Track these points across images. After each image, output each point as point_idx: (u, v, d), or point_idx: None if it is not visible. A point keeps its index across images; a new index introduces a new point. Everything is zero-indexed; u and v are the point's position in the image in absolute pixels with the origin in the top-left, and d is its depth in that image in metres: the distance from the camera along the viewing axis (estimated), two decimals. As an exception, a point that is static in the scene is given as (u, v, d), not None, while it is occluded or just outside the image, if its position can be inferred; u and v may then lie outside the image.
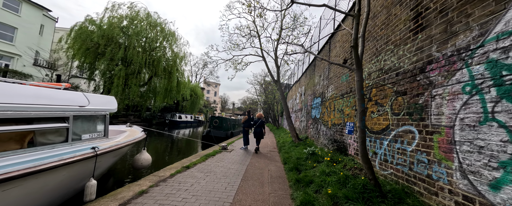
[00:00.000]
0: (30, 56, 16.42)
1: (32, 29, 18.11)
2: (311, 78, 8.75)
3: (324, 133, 6.24)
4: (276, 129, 19.59)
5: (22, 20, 17.41)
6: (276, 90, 22.11)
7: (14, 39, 17.04)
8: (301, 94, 11.30)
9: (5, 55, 16.68)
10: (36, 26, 18.51)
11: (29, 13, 17.90)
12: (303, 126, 9.90)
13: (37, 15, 18.47)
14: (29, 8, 17.87)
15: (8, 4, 16.68)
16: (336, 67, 5.70)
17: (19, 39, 17.10)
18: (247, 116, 7.53)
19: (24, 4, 17.51)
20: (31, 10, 18.03)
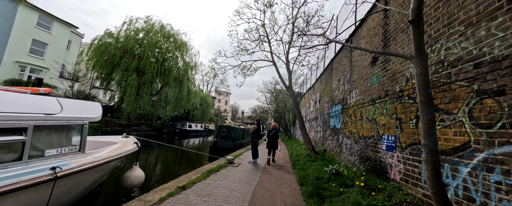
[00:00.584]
0: (56, 69, 17.35)
1: (61, 44, 19.42)
2: (328, 83, 7.72)
3: (349, 147, 5.10)
4: (287, 140, 18.29)
5: (52, 37, 18.76)
6: (287, 98, 21.08)
7: (44, 54, 18.26)
8: (315, 102, 10.20)
9: (36, 68, 17.83)
10: (64, 42, 19.85)
11: (59, 30, 19.30)
12: (319, 137, 8.70)
13: (66, 31, 19.86)
14: (59, 25, 19.31)
15: (41, 23, 18.13)
16: (360, 68, 4.70)
17: (49, 53, 18.31)
18: (256, 125, 6.63)
19: (55, 22, 18.95)
20: (61, 28, 19.45)
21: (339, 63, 6.48)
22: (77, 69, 18.53)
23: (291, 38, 7.82)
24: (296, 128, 19.29)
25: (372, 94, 4.06)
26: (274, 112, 22.08)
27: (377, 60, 3.96)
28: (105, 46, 14.65)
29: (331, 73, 7.32)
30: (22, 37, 16.73)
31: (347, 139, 5.26)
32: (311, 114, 11.29)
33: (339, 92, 6.33)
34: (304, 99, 15.10)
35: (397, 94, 3.20)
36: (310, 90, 12.05)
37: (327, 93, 7.77)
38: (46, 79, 17.99)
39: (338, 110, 6.31)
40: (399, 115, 3.10)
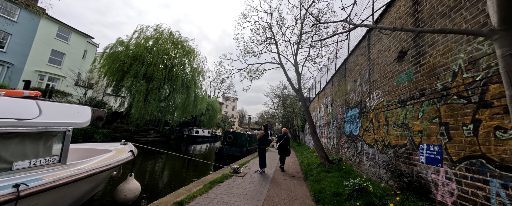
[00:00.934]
0: (71, 77, 17.99)
1: (77, 54, 20.29)
2: (341, 86, 7.06)
3: (372, 156, 4.37)
4: (297, 146, 17.40)
5: (69, 47, 19.66)
6: (295, 102, 20.34)
7: (62, 63, 19.08)
8: (326, 106, 9.49)
9: (54, 77, 18.60)
10: (80, 52, 20.74)
11: (76, 40, 20.24)
12: (333, 144, 7.92)
13: (82, 41, 20.78)
14: (76, 36, 20.27)
15: (60, 34, 19.09)
16: (382, 65, 4.07)
17: (66, 63, 19.11)
18: (263, 131, 6.07)
19: (72, 33, 19.91)
20: (78, 38, 20.40)
21: (354, 63, 5.85)
22: (90, 77, 19.08)
23: (300, 38, 7.33)
24: (305, 134, 18.36)
25: (401, 95, 3.40)
26: (282, 117, 21.36)
27: (405, 55, 3.32)
28: (116, 54, 14.97)
29: (345, 74, 6.67)
30: (43, 47, 17.62)
31: (369, 148, 4.53)
32: (322, 119, 10.53)
33: (355, 95, 5.65)
34: (313, 103, 14.35)
35: (439, 93, 2.55)
36: (320, 93, 11.34)
37: (340, 96, 7.08)
38: (62, 87, 18.68)
39: (354, 115, 5.60)
40: (444, 119, 2.43)
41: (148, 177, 7.10)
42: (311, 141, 13.48)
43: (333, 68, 8.32)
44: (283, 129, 6.88)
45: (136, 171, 7.57)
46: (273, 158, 9.47)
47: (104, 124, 15.69)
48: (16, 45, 15.85)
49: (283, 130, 6.85)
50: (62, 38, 19.19)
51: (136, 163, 9.26)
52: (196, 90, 18.27)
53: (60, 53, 18.97)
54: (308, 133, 16.48)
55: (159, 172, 8.18)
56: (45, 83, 17.91)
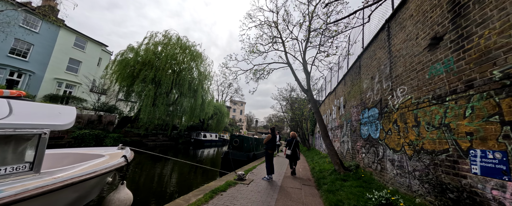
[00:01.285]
0: (86, 84, 18.67)
1: (92, 61, 21.16)
2: (355, 85, 6.41)
3: (398, 164, 3.69)
4: (306, 151, 16.53)
5: (86, 55, 20.56)
6: (304, 105, 19.59)
7: (78, 71, 19.94)
8: (338, 107, 8.78)
9: (71, 84, 19.43)
10: (95, 59, 21.62)
11: (92, 49, 21.17)
12: (347, 149, 7.18)
13: (97, 50, 21.69)
14: (92, 45, 21.21)
15: (77, 43, 20.06)
16: (408, 56, 3.46)
17: (82, 70, 19.95)
18: (270, 134, 5.55)
19: (88, 42, 20.86)
20: (93, 47, 21.33)
21: (370, 58, 5.23)
22: (102, 83, 19.70)
23: (308, 35, 6.84)
24: (315, 138, 17.46)
25: (436, 89, 2.78)
26: (290, 120, 20.62)
27: (440, 40, 2.72)
28: (126, 60, 15.31)
29: (359, 72, 6.03)
30: (61, 56, 18.53)
31: (394, 153, 3.85)
32: (334, 122, 9.79)
33: (373, 93, 5.00)
34: (323, 105, 13.60)
35: (497, 83, 1.94)
36: (331, 94, 10.64)
37: (355, 96, 6.42)
38: (78, 93, 19.43)
39: (373, 116, 4.94)
40: (509, 117, 1.81)
41: (149, 183, 6.78)
42: (322, 145, 12.64)
43: (345, 67, 7.69)
44: (292, 133, 6.51)
45: (130, 178, 7.29)
46: (282, 163, 8.83)
47: (115, 129, 15.92)
48: (37, 54, 16.78)
49: (292, 134, 6.48)
50: (79, 47, 20.14)
51: (142, 168, 9.03)
52: (203, 94, 18.19)
53: (77, 61, 19.86)
54: (318, 136, 15.61)
55: (162, 178, 7.85)
56: (63, 89, 18.70)
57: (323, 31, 6.20)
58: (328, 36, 6.12)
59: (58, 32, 18.21)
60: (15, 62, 15.43)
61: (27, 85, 16.17)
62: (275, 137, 5.66)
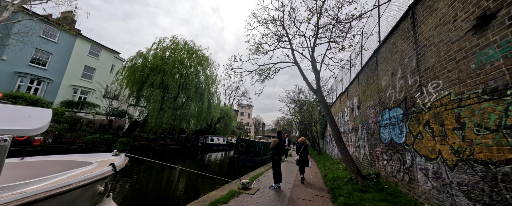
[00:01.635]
0: (99, 90, 19.29)
1: (106, 68, 21.95)
2: (372, 83, 5.74)
3: (434, 175, 3.00)
4: (317, 155, 15.63)
5: (99, 63, 21.38)
6: (313, 107, 18.77)
7: (92, 78, 20.71)
8: (352, 109, 8.05)
9: (86, 90, 20.19)
10: (108, 66, 22.42)
11: (105, 56, 22.00)
12: (364, 155, 6.42)
13: (110, 57, 22.51)
14: (105, 53, 22.06)
15: (92, 51, 20.92)
16: (444, 44, 2.84)
17: (96, 77, 20.70)
18: (278, 138, 5.03)
19: (102, 50, 21.71)
20: (107, 54, 22.17)
21: (390, 52, 4.59)
22: (113, 88, 20.20)
23: (317, 31, 6.32)
24: (326, 142, 16.52)
25: (489, 81, 2.15)
26: (299, 123, 19.83)
27: (493, 18, 2.11)
28: (136, 66, 15.59)
29: (376, 68, 5.38)
30: (77, 64, 19.38)
31: (427, 162, 3.17)
32: (347, 125, 9.02)
33: (394, 91, 4.34)
34: (334, 107, 12.79)
35: None
36: (343, 95, 9.90)
37: (371, 95, 5.74)
38: (92, 99, 20.13)
39: (396, 117, 4.26)
40: None
41: (152, 189, 6.44)
42: (334, 150, 11.79)
43: (358, 64, 7.02)
44: (301, 138, 6.35)
45: (137, 183, 7.00)
46: (291, 169, 8.19)
47: (124, 133, 16.09)
48: (55, 63, 17.63)
49: (301, 139, 6.25)
50: (93, 54, 21.00)
51: (150, 173, 8.79)
52: (210, 97, 18.04)
53: (91, 68, 20.67)
54: (329, 140, 14.71)
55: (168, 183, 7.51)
56: (78, 95, 19.44)
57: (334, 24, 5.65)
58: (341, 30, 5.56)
59: (74, 41, 19.12)
60: (35, 71, 16.27)
61: (46, 92, 16.96)
62: (283, 141, 5.12)
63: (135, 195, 5.78)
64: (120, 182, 6.99)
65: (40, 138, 9.90)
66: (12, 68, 14.97)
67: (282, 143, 5.08)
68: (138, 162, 10.88)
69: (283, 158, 10.44)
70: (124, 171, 8.63)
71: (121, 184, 6.86)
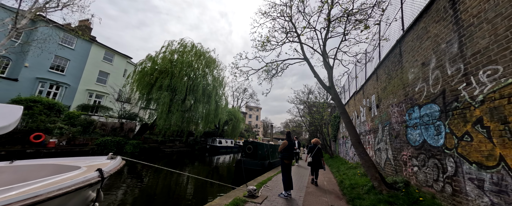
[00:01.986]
0: (111, 94, 19.88)
1: (119, 73, 22.69)
2: (394, 77, 5.03)
3: (496, 188, 2.30)
4: (329, 159, 14.70)
5: (113, 67, 22.15)
6: (324, 108, 17.87)
7: (106, 82, 21.46)
8: (369, 108, 7.28)
9: (100, 94, 20.93)
10: (121, 71, 23.18)
11: (118, 61, 22.78)
12: (386, 159, 5.65)
13: (123, 62, 23.27)
14: (118, 58, 22.85)
15: (106, 57, 21.74)
16: (500, 19, 2.19)
17: (110, 81, 21.43)
18: (286, 140, 4.50)
19: (116, 56, 22.52)
20: (119, 59, 22.95)
21: (419, 39, 3.91)
22: (124, 92, 20.67)
23: (328, 24, 5.75)
24: (339, 144, 15.52)
25: None
26: (309, 125, 18.98)
27: None
28: (145, 69, 15.82)
29: (400, 60, 4.68)
30: (92, 69, 20.19)
31: (480, 170, 2.47)
32: (363, 126, 8.21)
33: (427, 85, 3.64)
34: (348, 107, 11.94)
35: None
36: (358, 93, 9.11)
37: (394, 91, 5.02)
38: (106, 102, 20.81)
39: (430, 115, 3.55)
40: None
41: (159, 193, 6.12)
42: (348, 153, 10.90)
43: (377, 58, 6.30)
44: (314, 139, 6.07)
45: (146, 183, 6.72)
46: (302, 174, 7.52)
47: (134, 136, 16.28)
48: (72, 68, 18.46)
49: (314, 140, 6.02)
50: (107, 60, 21.81)
51: (158, 175, 8.54)
52: (217, 99, 17.83)
53: (106, 73, 21.44)
54: (342, 142, 13.77)
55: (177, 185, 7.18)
56: (93, 99, 20.18)
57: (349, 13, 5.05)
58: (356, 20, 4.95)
59: (90, 48, 19.98)
60: (55, 76, 17.11)
61: (64, 96, 17.75)
62: (292, 143, 4.56)
63: (133, 200, 5.48)
64: (124, 185, 6.77)
65: (54, 140, 10.12)
66: (34, 74, 15.82)
67: (292, 146, 4.53)
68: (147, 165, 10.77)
69: (293, 162, 9.77)
70: (134, 173, 8.46)
71: (125, 187, 6.63)
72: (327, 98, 21.26)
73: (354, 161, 9.62)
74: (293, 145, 4.58)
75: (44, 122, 10.29)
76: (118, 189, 6.30)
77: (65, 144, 10.84)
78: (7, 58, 15.04)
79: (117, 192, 6.01)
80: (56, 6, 9.55)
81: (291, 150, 4.53)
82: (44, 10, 9.18)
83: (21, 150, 8.87)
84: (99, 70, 20.92)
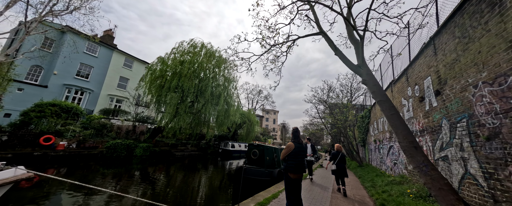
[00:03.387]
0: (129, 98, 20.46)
1: (138, 78, 23.55)
2: (482, 35, 2.98)
3: None
4: (357, 167, 12.06)
5: (132, 73, 23.11)
6: (347, 109, 15.27)
7: (126, 87, 22.38)
8: (421, 98, 5.07)
9: (121, 99, 21.84)
10: (140, 76, 24.07)
11: (137, 67, 23.73)
12: (464, 176, 3.44)
13: (142, 67, 24.17)
14: (138, 64, 23.82)
15: (126, 63, 22.80)
16: None
17: (129, 86, 22.31)
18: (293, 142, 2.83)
19: (135, 62, 23.52)
20: (139, 65, 23.90)
21: None
22: (136, 95, 20.97)
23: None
24: (369, 150, 12.76)
25: None
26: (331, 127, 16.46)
27: None
28: (156, 71, 15.66)
29: (481, 15, 2.66)
30: (114, 75, 21.27)
31: None
32: (409, 125, 5.92)
33: None
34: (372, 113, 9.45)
35: None
36: (398, 82, 6.83)
37: (481, 60, 2.97)
38: (125, 107, 21.60)
39: None
40: None
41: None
42: (385, 161, 8.40)
43: (433, 23, 4.21)
44: (336, 145, 5.56)
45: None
46: (317, 197, 5.24)
47: (146, 139, 16.04)
48: (95, 75, 19.60)
49: (336, 146, 5.54)
50: (127, 66, 22.86)
51: (170, 179, 7.37)
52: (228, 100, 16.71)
53: (125, 79, 22.42)
54: (374, 148, 11.12)
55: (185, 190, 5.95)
56: (114, 104, 21.10)
57: None
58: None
59: (111, 55, 21.16)
60: (80, 83, 18.27)
61: (88, 101, 18.82)
62: (301, 146, 2.86)
63: None
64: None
65: (64, 143, 10.05)
66: (61, 81, 17.04)
67: (302, 150, 2.83)
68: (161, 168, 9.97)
69: (305, 175, 7.46)
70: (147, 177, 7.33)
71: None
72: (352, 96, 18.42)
73: (396, 173, 7.19)
74: (303, 150, 2.88)
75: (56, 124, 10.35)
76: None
77: (74, 147, 10.75)
78: (40, 67, 16.52)
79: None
80: (65, 9, 9.62)
81: (301, 157, 2.83)
82: (52, 14, 9.26)
83: (29, 153, 8.78)
84: (120, 75, 21.95)
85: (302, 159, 2.75)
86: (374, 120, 11.31)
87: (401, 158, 6.77)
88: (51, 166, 8.37)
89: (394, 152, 7.57)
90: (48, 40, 17.19)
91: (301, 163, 2.76)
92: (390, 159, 8.15)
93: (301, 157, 2.77)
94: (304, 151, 2.86)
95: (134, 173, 8.79)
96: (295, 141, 2.86)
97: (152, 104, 17.26)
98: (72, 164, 9.05)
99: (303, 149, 2.81)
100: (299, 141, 2.82)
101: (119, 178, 7.52)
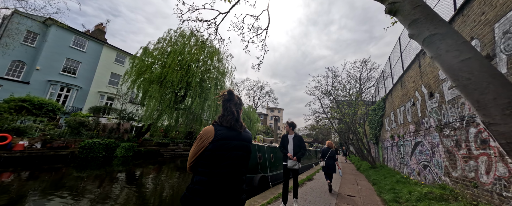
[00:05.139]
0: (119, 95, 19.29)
1: (131, 75, 22.41)
2: None
3: None
4: (369, 169, 9.92)
5: (125, 69, 21.95)
6: (355, 102, 13.12)
7: (118, 84, 21.27)
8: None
9: (112, 96, 20.77)
10: (134, 73, 22.93)
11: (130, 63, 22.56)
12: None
13: (134, 64, 22.98)
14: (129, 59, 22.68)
15: (118, 59, 21.72)
16: None
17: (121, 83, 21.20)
18: (213, 125, 0.93)
19: (127, 58, 22.38)
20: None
21: None
22: (120, 90, 19.70)
23: None
24: (384, 148, 10.59)
25: None
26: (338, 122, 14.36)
27: None
28: (141, 64, 14.24)
29: None
30: (104, 71, 20.23)
31: None
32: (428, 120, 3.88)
33: None
34: (403, 89, 7.35)
35: None
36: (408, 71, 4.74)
37: None
38: (118, 104, 20.51)
39: None
40: None
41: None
42: (409, 163, 6.23)
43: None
44: (328, 141, 5.44)
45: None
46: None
47: (131, 138, 14.65)
48: (84, 71, 18.59)
49: (328, 143, 5.41)
50: (119, 62, 21.78)
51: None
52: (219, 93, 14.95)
53: (117, 75, 21.31)
54: (391, 146, 8.98)
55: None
56: (105, 102, 20.04)
57: None
58: None
59: (101, 50, 20.12)
60: (66, 79, 17.28)
61: (76, 98, 17.82)
62: (237, 135, 1.03)
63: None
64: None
65: (23, 143, 8.72)
66: (45, 77, 16.07)
67: (237, 145, 0.99)
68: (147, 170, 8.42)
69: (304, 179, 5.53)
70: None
71: None
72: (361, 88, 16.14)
73: (429, 180, 5.10)
74: (241, 144, 1.06)
75: (13, 121, 9.06)
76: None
77: (39, 147, 9.40)
78: (22, 62, 15.63)
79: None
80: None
81: (233, 160, 1.01)
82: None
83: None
84: (111, 72, 20.91)
85: (239, 166, 0.99)
86: (390, 110, 9.15)
87: (437, 159, 4.70)
88: (5, 170, 7.06)
89: (423, 151, 5.50)
90: (31, 34, 16.25)
91: (233, 175, 0.99)
92: (416, 159, 6.07)
93: (238, 160, 1.01)
94: (244, 146, 1.18)
95: (104, 177, 7.23)
96: (222, 121, 1.11)
97: (137, 100, 15.88)
98: (33, 167, 7.70)
99: (236, 138, 1.14)
100: (231, 123, 1.10)
101: (81, 182, 5.96)
